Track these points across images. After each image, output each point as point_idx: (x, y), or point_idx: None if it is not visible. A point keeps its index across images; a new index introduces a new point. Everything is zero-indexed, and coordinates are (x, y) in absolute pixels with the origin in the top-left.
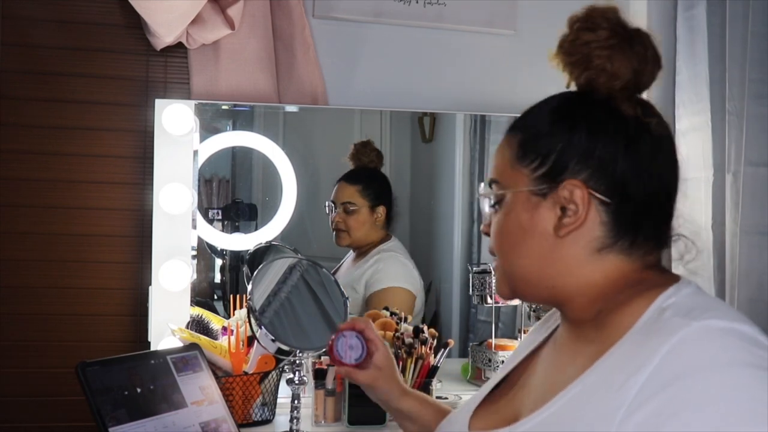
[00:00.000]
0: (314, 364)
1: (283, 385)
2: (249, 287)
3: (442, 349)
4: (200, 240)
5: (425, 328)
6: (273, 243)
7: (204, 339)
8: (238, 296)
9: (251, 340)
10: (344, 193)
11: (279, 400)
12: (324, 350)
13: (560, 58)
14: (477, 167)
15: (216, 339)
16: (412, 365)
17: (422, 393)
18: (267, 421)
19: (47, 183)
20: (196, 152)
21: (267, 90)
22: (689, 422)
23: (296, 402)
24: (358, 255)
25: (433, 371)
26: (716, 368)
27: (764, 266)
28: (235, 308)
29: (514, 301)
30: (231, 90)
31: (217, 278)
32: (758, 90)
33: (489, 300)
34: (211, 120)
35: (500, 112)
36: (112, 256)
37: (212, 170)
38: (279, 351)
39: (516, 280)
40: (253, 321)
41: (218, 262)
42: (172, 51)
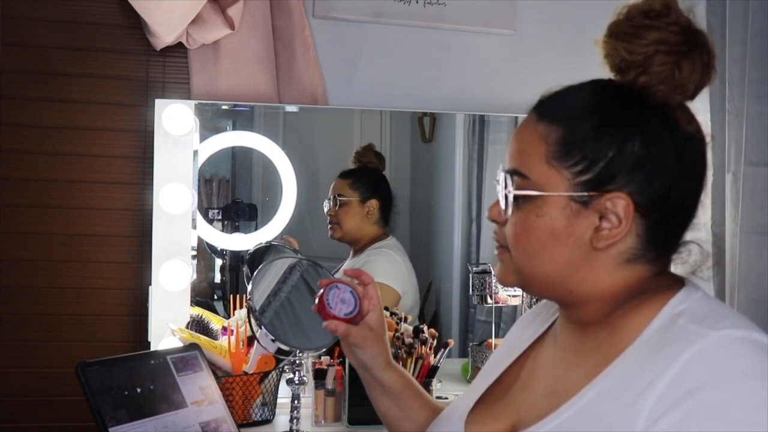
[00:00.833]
0: (314, 364)
1: (283, 385)
2: (249, 287)
3: (442, 349)
4: (200, 240)
5: (425, 328)
6: (273, 243)
7: (204, 339)
8: (238, 296)
9: (251, 340)
10: (336, 187)
11: (279, 400)
12: (324, 350)
13: (611, 51)
14: (477, 167)
15: (216, 339)
16: (412, 365)
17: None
18: (267, 421)
19: (47, 183)
20: (196, 152)
21: (267, 90)
22: None
23: (296, 402)
24: (355, 252)
25: (433, 371)
26: (740, 379)
27: (764, 266)
28: (235, 308)
29: (514, 300)
30: (231, 90)
31: (217, 278)
32: (758, 90)
33: (489, 300)
34: (211, 120)
35: (500, 112)
36: (112, 256)
37: (212, 170)
38: (279, 351)
39: (531, 279)
40: (253, 321)
41: (218, 262)
42: (172, 51)
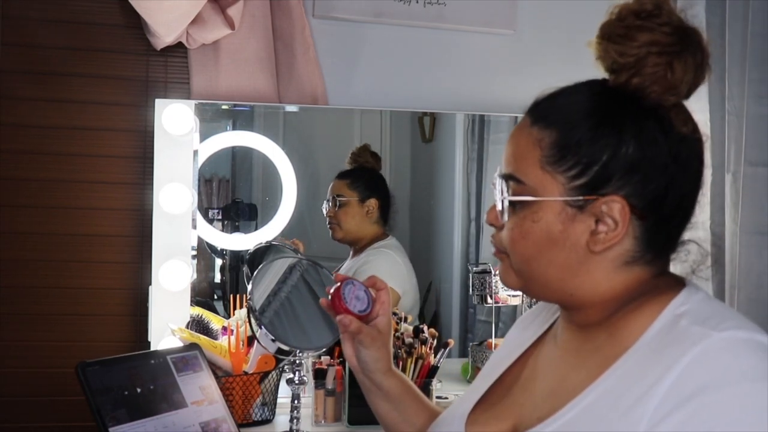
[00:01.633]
0: (314, 364)
1: (283, 385)
2: (249, 287)
3: (442, 349)
4: (200, 240)
5: (425, 328)
6: (273, 243)
7: (204, 339)
8: (238, 296)
9: (251, 340)
10: (335, 188)
11: (279, 400)
12: (324, 350)
13: (603, 53)
14: (477, 167)
15: (216, 339)
16: (412, 365)
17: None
18: (267, 421)
19: (47, 183)
20: (196, 152)
21: (267, 90)
22: None
23: (296, 402)
24: (355, 252)
25: (433, 371)
26: (743, 381)
27: (764, 266)
28: (235, 308)
29: (514, 300)
30: (231, 90)
31: (217, 278)
32: (758, 90)
33: (489, 300)
34: (211, 120)
35: (500, 112)
36: (112, 256)
37: (212, 170)
38: (279, 351)
39: (532, 282)
40: (253, 321)
41: (218, 262)
42: (172, 51)
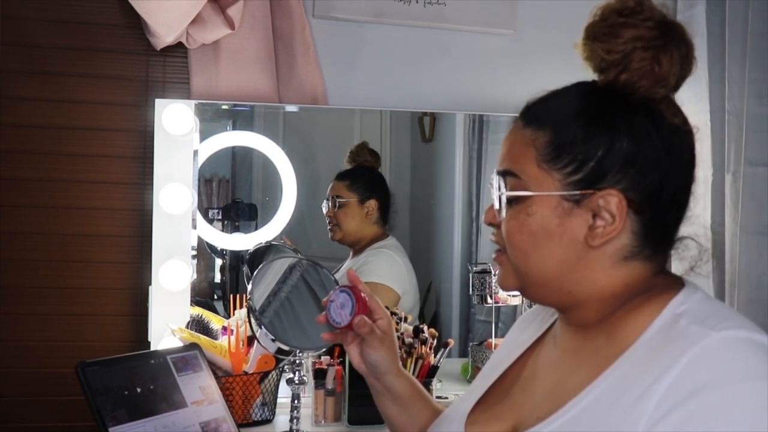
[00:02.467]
0: (314, 364)
1: (283, 385)
2: (249, 287)
3: (442, 349)
4: (200, 240)
5: (425, 328)
6: (273, 243)
7: (204, 339)
8: (238, 296)
9: (251, 340)
10: (334, 189)
11: (279, 400)
12: (324, 350)
13: (590, 53)
14: (476, 167)
15: (216, 339)
16: (412, 365)
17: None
18: (267, 421)
19: (47, 183)
20: (196, 152)
21: (267, 90)
22: None
23: (296, 402)
24: (355, 252)
25: (433, 371)
26: (742, 381)
27: (764, 266)
28: (235, 308)
29: (514, 300)
30: (231, 90)
31: (217, 278)
32: (758, 90)
33: (489, 300)
34: (211, 120)
35: (500, 112)
36: (112, 256)
37: (212, 170)
38: (279, 351)
39: (530, 280)
40: (253, 321)
41: (218, 262)
42: (172, 51)
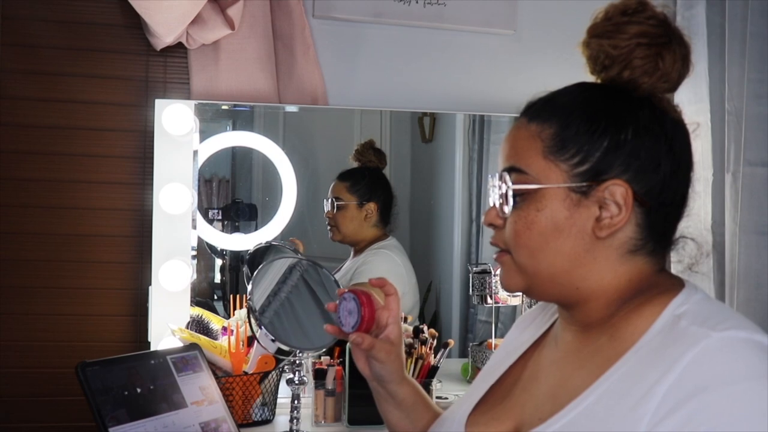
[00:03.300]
0: (314, 364)
1: (283, 385)
2: (249, 287)
3: (442, 349)
4: (200, 240)
5: (425, 328)
6: (273, 243)
7: (204, 339)
8: (238, 296)
9: (251, 340)
10: (335, 189)
11: (279, 400)
12: (324, 350)
13: (595, 50)
14: (477, 167)
15: (216, 339)
16: (412, 365)
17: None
18: (267, 421)
19: (47, 183)
20: (196, 152)
21: (267, 90)
22: None
23: (296, 402)
24: (355, 252)
25: (433, 371)
26: (741, 381)
27: (763, 266)
28: (235, 308)
29: (514, 300)
30: (231, 90)
31: (217, 278)
32: (758, 90)
33: (489, 300)
34: (211, 120)
35: (500, 112)
36: (112, 256)
37: (212, 170)
38: (279, 351)
39: (537, 277)
40: (253, 321)
41: (218, 262)
42: (172, 51)
